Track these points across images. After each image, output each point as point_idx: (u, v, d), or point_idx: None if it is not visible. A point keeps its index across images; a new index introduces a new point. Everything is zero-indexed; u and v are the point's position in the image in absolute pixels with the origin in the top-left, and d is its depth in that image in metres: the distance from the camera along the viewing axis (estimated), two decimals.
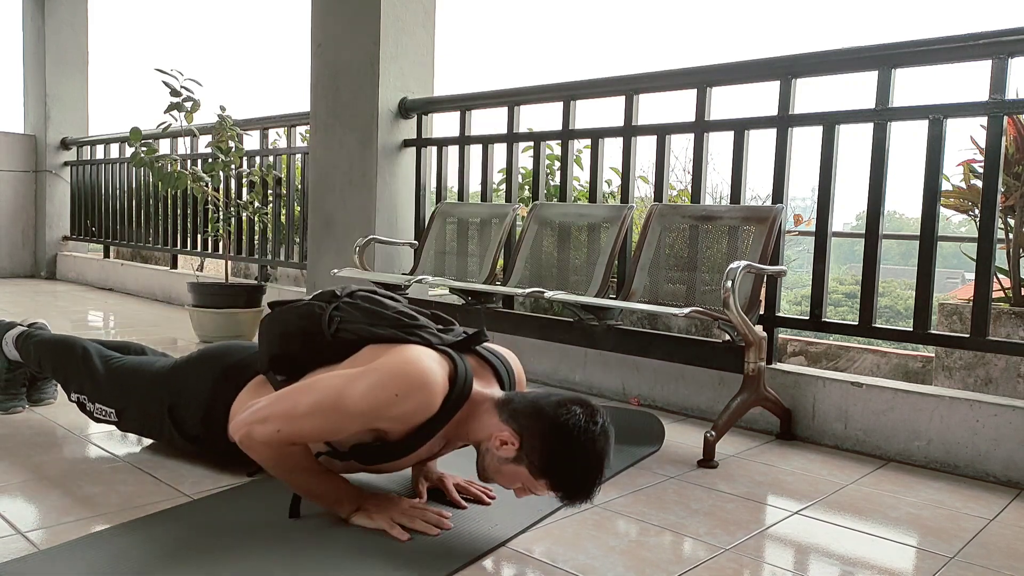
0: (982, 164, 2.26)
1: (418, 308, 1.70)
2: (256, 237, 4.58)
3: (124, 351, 2.13)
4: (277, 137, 4.70)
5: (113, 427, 1.99)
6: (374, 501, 1.57)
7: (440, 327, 1.65)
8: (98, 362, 1.99)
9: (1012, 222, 2.91)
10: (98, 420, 1.99)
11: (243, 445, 1.52)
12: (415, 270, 3.35)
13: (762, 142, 2.61)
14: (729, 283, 2.10)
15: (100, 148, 6.15)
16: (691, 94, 2.75)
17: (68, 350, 2.06)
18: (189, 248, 5.20)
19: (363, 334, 1.59)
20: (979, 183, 2.59)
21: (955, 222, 3.44)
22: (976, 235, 2.27)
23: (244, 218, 4.48)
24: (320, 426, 1.49)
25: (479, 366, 1.60)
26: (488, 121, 3.45)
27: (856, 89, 2.41)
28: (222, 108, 3.75)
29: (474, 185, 3.53)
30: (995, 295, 2.62)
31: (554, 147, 3.65)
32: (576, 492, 1.45)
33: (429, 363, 1.47)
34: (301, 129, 4.46)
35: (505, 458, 1.47)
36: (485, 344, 1.66)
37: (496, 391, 1.57)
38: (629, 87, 2.91)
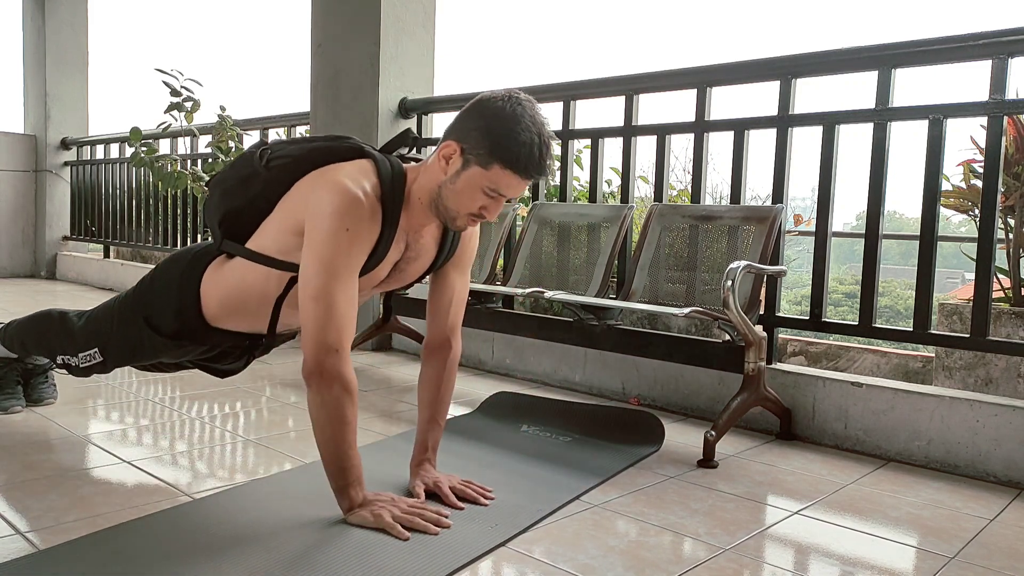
0: (982, 164, 2.26)
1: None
2: None
3: None
4: (277, 137, 4.71)
5: (114, 426, 1.99)
6: (374, 501, 1.57)
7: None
8: (74, 318, 2.00)
9: (1012, 222, 2.91)
10: (87, 371, 1.96)
11: (323, 383, 1.49)
12: None
13: (762, 142, 2.61)
14: (729, 283, 2.10)
15: (100, 148, 6.15)
16: (691, 94, 2.75)
17: (45, 318, 2.06)
18: None
19: (295, 154, 1.63)
20: (979, 183, 2.59)
21: (955, 222, 3.44)
22: (976, 235, 2.27)
23: None
24: (341, 299, 1.49)
25: (411, 165, 1.65)
26: None
27: (856, 89, 2.42)
28: (222, 108, 3.76)
29: None
30: (995, 295, 2.62)
31: (555, 145, 3.64)
32: (528, 156, 1.49)
33: (345, 180, 1.52)
34: (301, 129, 4.46)
35: (455, 171, 1.53)
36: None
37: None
38: (629, 87, 2.91)
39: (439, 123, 3.66)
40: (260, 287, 1.68)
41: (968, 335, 2.23)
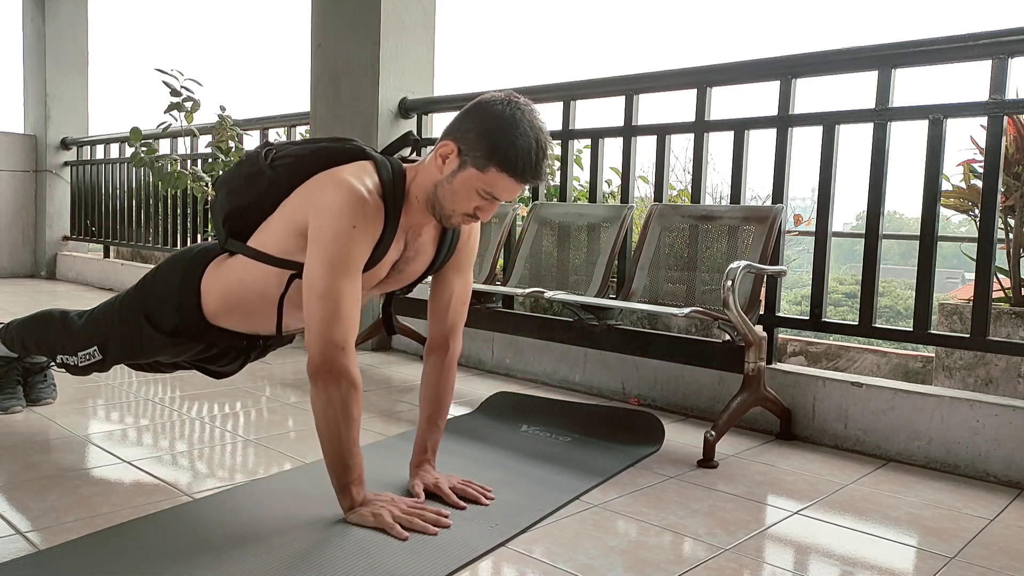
0: (982, 164, 2.26)
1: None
2: None
3: None
4: (277, 137, 4.70)
5: (114, 426, 1.99)
6: (374, 500, 1.57)
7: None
8: (75, 317, 2.00)
9: (1012, 222, 2.91)
10: (85, 369, 1.96)
11: (331, 379, 1.49)
12: None
13: (762, 142, 2.61)
14: (729, 283, 2.10)
15: (100, 148, 6.15)
16: (691, 94, 2.75)
17: (46, 317, 2.07)
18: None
19: (299, 154, 1.65)
20: (979, 183, 2.59)
21: (955, 222, 3.44)
22: (976, 235, 2.27)
23: None
24: (346, 297, 1.50)
25: (410, 165, 1.66)
26: None
27: (856, 89, 2.42)
28: (222, 108, 3.76)
29: None
30: (995, 295, 2.62)
31: (554, 147, 3.64)
32: (525, 160, 1.49)
33: (350, 178, 1.53)
34: (301, 129, 4.46)
35: (452, 171, 1.53)
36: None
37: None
38: (629, 87, 2.91)
39: (439, 123, 3.67)
40: (260, 285, 1.68)
41: (968, 335, 2.23)
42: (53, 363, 2.06)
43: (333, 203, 1.51)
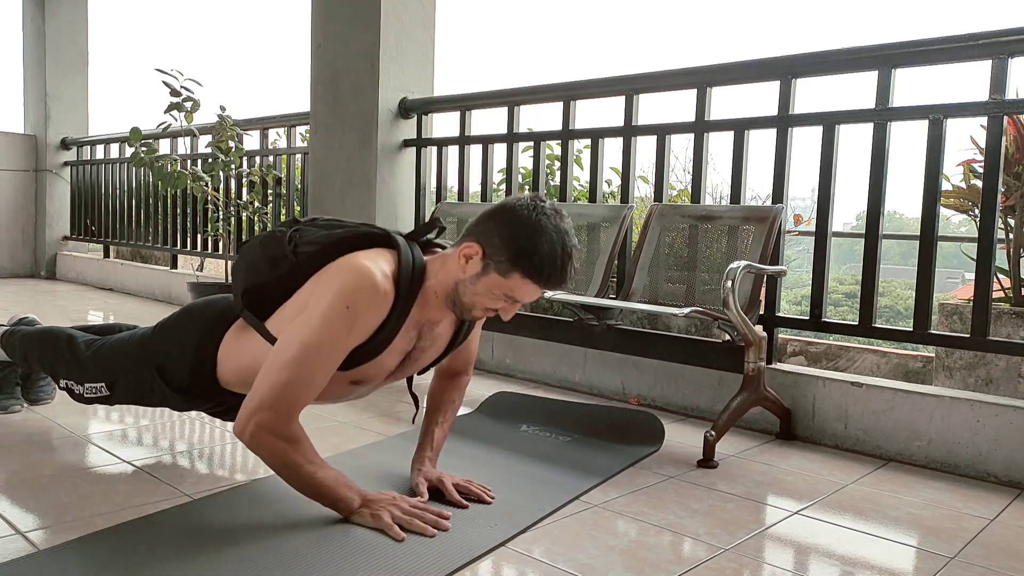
0: (982, 164, 2.26)
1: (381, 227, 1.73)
2: None
3: (110, 332, 2.12)
4: (277, 137, 4.71)
5: (114, 426, 1.99)
6: (375, 500, 1.57)
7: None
8: (82, 346, 1.98)
9: (1012, 222, 2.91)
10: (90, 400, 1.95)
11: (252, 444, 1.51)
12: None
13: (762, 142, 2.61)
14: (729, 283, 2.10)
15: (100, 148, 6.15)
16: (691, 94, 2.75)
17: (52, 340, 2.05)
18: (189, 248, 5.20)
19: (321, 240, 1.62)
20: (979, 183, 2.59)
21: (955, 222, 3.44)
22: (976, 235, 2.27)
23: (244, 218, 4.48)
24: (307, 379, 1.49)
25: (433, 256, 1.64)
26: (488, 121, 3.45)
27: (856, 89, 2.41)
28: (222, 108, 3.76)
29: (474, 185, 3.52)
30: (995, 295, 2.62)
31: (554, 147, 3.65)
32: (550, 267, 1.48)
33: (365, 262, 1.51)
34: (301, 129, 4.46)
35: (474, 274, 1.51)
36: (439, 242, 1.69)
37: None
38: (629, 87, 2.91)
39: (439, 123, 3.67)
40: None
41: (968, 335, 2.23)
42: (56, 384, 2.05)
43: (337, 281, 1.50)
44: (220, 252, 4.68)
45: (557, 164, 3.71)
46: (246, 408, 1.50)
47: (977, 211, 2.64)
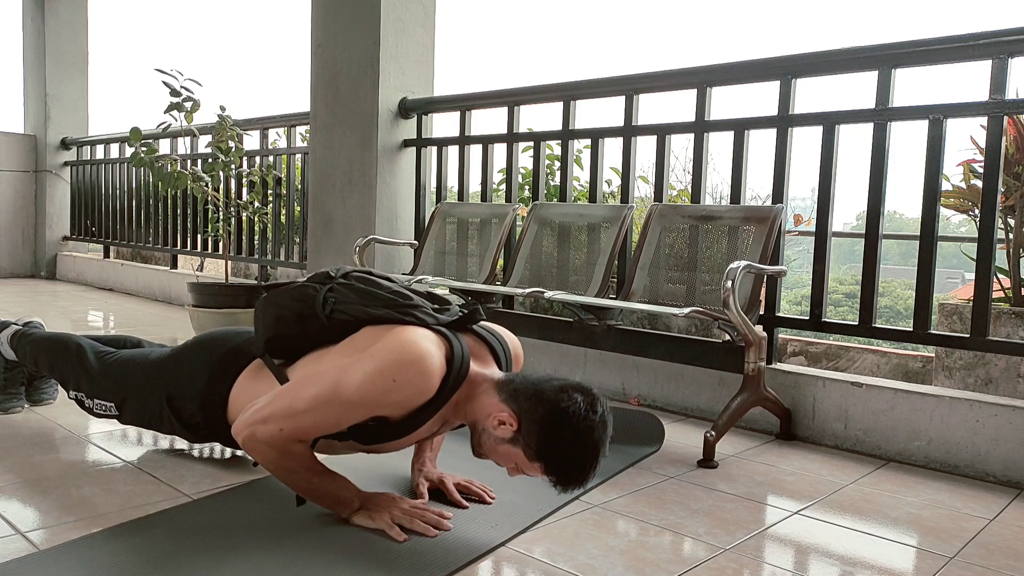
0: (982, 164, 2.26)
1: (413, 288, 1.70)
2: (256, 237, 4.57)
3: (120, 345, 2.12)
4: (277, 137, 4.71)
5: (114, 426, 1.99)
6: (375, 501, 1.57)
7: (436, 307, 1.65)
8: (92, 358, 1.98)
9: (1012, 222, 2.91)
10: (98, 415, 1.97)
11: (246, 446, 1.52)
12: (415, 270, 3.35)
13: (762, 142, 2.61)
14: (729, 283, 2.10)
15: (100, 148, 6.15)
16: (691, 94, 2.75)
17: (62, 348, 2.05)
18: (189, 248, 5.20)
19: (358, 315, 1.60)
20: (979, 183, 2.59)
21: (955, 222, 3.44)
22: (976, 235, 2.27)
23: (244, 218, 4.48)
24: (321, 419, 1.49)
25: (476, 345, 1.61)
26: (488, 121, 3.45)
27: (856, 89, 2.41)
28: (222, 108, 3.75)
29: (474, 185, 3.53)
30: (995, 295, 2.62)
31: (554, 147, 3.65)
32: (570, 478, 1.46)
33: (426, 346, 1.48)
34: (301, 129, 4.46)
35: (502, 438, 1.48)
36: (482, 323, 1.66)
37: (494, 371, 1.58)
38: (629, 87, 2.91)
39: (439, 123, 3.67)
40: None
41: (968, 335, 2.23)
42: (66, 392, 2.05)
43: (396, 352, 1.46)
44: (220, 252, 4.68)
45: (557, 164, 3.71)
46: (256, 413, 1.50)
47: (977, 211, 2.64)
